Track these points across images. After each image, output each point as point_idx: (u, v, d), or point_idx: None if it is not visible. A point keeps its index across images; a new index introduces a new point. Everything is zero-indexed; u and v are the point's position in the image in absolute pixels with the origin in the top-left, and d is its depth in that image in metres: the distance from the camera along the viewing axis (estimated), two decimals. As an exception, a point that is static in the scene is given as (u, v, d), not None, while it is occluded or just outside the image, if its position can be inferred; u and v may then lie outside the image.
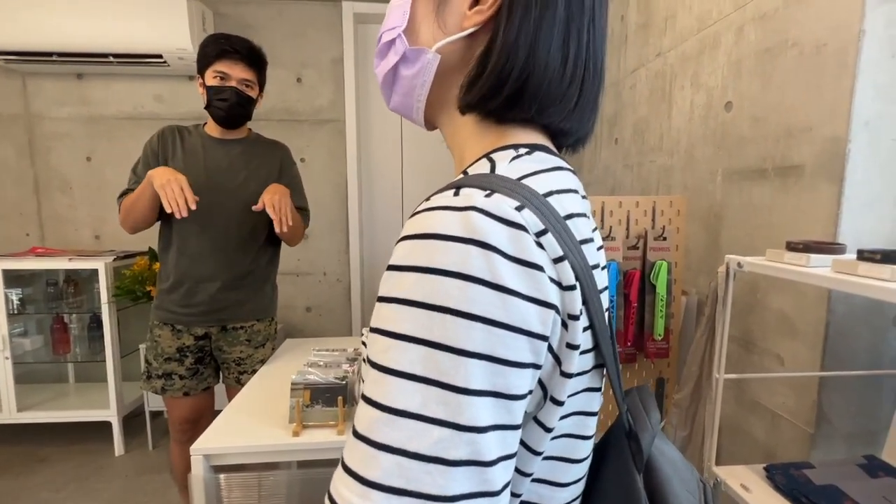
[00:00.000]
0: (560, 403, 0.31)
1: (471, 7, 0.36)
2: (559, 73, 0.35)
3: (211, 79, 1.28)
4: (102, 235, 2.43)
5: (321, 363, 1.16)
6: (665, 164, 1.47)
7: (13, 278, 2.09)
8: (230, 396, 1.45)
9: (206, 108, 1.32)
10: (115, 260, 2.10)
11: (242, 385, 1.41)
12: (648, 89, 1.57)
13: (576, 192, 0.36)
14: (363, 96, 2.50)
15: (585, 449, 0.37)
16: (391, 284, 0.28)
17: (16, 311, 2.09)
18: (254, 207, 1.26)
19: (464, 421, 0.25)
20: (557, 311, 0.29)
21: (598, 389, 0.37)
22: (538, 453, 0.32)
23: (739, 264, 0.78)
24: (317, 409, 1.04)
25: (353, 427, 0.28)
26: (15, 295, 2.08)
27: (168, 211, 1.17)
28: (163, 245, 1.38)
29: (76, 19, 2.04)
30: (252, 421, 1.05)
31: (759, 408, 1.06)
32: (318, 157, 2.47)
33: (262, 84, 1.38)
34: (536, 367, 0.29)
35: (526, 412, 0.31)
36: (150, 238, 1.41)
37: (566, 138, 0.40)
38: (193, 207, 1.18)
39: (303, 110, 2.43)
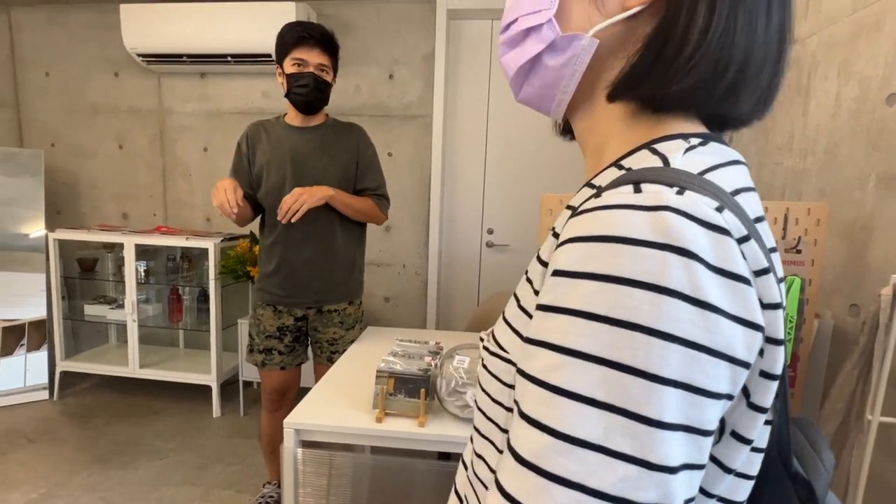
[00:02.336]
0: (747, 441, 0.27)
1: None
2: (763, 53, 0.29)
3: (290, 66, 1.34)
4: (213, 218, 2.70)
5: (404, 354, 1.18)
6: (795, 166, 1.28)
7: (141, 252, 2.40)
8: (318, 374, 1.53)
9: (286, 95, 1.39)
10: (222, 241, 2.33)
11: (333, 364, 1.49)
12: (777, 81, 1.38)
13: (755, 190, 0.31)
14: (451, 92, 2.51)
15: (746, 490, 0.32)
16: (561, 292, 0.25)
17: (142, 281, 2.40)
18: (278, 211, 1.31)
19: (655, 459, 0.22)
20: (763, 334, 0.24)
21: (772, 422, 0.32)
22: (711, 496, 0.28)
23: (915, 286, 0.64)
24: (399, 398, 1.05)
25: (514, 450, 0.25)
26: (141, 267, 2.39)
27: (221, 214, 1.23)
28: (264, 232, 1.49)
29: (202, 25, 2.30)
30: (339, 402, 1.09)
31: (913, 461, 0.88)
32: (404, 152, 2.53)
33: (335, 69, 1.42)
34: (730, 398, 0.24)
35: None
36: (251, 223, 1.53)
37: (730, 125, 0.34)
38: (234, 209, 1.24)
39: (393, 106, 2.50)
